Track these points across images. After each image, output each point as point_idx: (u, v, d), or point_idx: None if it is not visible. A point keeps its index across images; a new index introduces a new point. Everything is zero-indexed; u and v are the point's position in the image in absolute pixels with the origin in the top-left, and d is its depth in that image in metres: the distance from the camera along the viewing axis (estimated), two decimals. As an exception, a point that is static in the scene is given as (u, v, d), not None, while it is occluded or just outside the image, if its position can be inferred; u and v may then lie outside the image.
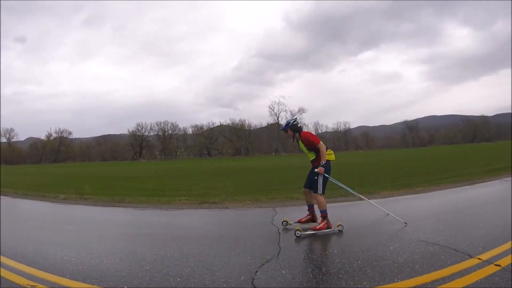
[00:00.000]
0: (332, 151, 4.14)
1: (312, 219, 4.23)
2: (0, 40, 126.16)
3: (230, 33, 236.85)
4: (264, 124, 68.29)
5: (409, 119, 78.42)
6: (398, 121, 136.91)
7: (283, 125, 4.26)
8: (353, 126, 75.41)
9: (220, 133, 63.80)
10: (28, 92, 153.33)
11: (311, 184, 4.03)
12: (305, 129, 4.52)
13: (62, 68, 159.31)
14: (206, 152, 63.57)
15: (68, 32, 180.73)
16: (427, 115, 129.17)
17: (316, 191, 3.94)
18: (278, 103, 67.45)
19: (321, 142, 4.00)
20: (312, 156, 4.10)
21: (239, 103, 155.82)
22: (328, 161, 4.01)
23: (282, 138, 65.61)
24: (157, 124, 65.60)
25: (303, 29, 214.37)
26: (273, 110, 66.65)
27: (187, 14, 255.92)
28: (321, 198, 3.92)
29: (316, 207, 4.15)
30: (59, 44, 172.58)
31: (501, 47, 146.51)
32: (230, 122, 64.87)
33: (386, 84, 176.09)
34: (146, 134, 65.97)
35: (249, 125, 65.09)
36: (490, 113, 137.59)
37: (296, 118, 4.25)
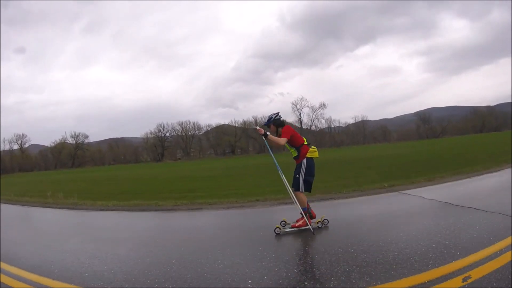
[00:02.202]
0: (316, 148, 4.05)
1: (310, 215, 4.04)
2: (0, 51, 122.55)
3: (228, 34, 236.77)
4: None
5: (411, 112, 79.54)
6: (399, 114, 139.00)
7: (266, 120, 4.21)
8: (352, 121, 76.12)
9: (243, 131, 63.45)
10: (30, 100, 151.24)
11: (309, 183, 4.00)
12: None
13: (63, 76, 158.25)
14: (230, 151, 63.15)
15: (68, 40, 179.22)
16: (428, 107, 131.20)
17: (297, 189, 3.92)
18: (301, 99, 67.32)
19: (286, 138, 3.89)
20: (294, 153, 4.04)
21: (239, 102, 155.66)
22: (311, 158, 3.96)
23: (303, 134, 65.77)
24: (179, 124, 64.83)
25: (298, 28, 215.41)
26: (296, 106, 66.83)
27: (185, 16, 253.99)
28: (301, 195, 3.93)
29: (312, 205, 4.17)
30: (60, 52, 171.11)
31: (499, 36, 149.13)
32: (253, 120, 64.67)
33: (385, 77, 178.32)
34: (168, 135, 65.06)
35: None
36: (491, 102, 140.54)
37: (279, 113, 4.18)
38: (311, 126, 67.17)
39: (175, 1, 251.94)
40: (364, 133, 70.06)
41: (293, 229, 3.87)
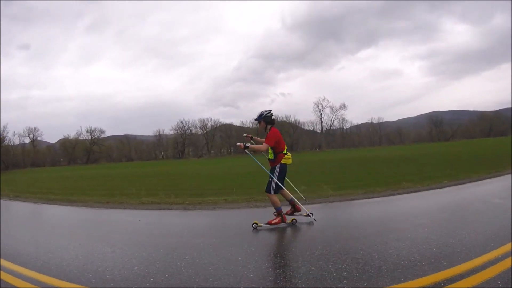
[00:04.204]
0: (290, 155, 4.33)
1: (295, 210, 4.48)
2: (0, 46, 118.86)
3: (230, 34, 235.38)
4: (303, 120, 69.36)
5: (413, 115, 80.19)
6: (401, 117, 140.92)
7: (257, 116, 4.36)
8: (358, 122, 76.83)
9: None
10: (33, 97, 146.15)
11: (279, 185, 4.24)
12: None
13: (66, 73, 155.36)
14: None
15: (71, 38, 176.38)
16: (430, 110, 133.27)
17: (269, 191, 4.21)
18: (324, 99, 67.26)
19: (268, 145, 4.17)
20: (271, 156, 4.26)
21: (240, 102, 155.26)
22: (285, 164, 4.24)
23: (324, 134, 65.89)
24: (199, 121, 64.01)
25: (298, 29, 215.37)
26: (318, 106, 67.10)
27: (188, 16, 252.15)
28: (273, 197, 4.22)
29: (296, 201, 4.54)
30: (63, 50, 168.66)
31: (501, 41, 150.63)
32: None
33: (387, 80, 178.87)
34: (189, 132, 64.04)
35: (297, 121, 65.25)
36: (492, 107, 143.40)
37: (271, 111, 4.32)
38: (330, 127, 67.38)
39: (178, 1, 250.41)
40: (380, 134, 70.71)
41: (268, 225, 4.19)
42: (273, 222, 4.20)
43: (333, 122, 67.18)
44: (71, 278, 2.69)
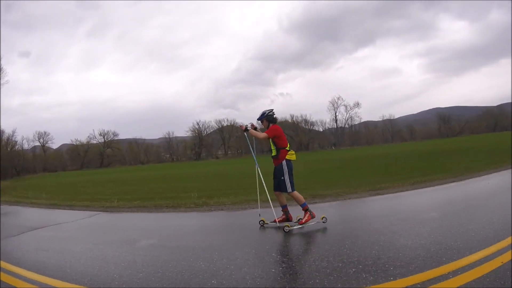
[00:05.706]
0: (294, 152, 4.34)
1: (287, 218, 4.35)
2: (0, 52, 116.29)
3: (229, 36, 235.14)
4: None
5: (415, 112, 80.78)
6: (402, 115, 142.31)
7: (259, 115, 4.42)
8: (357, 122, 77.37)
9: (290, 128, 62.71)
10: (34, 102, 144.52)
11: (279, 186, 4.20)
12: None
13: (68, 78, 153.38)
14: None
15: (72, 43, 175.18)
16: (430, 107, 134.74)
17: (287, 190, 4.13)
18: (339, 98, 67.40)
19: (267, 135, 4.22)
20: (273, 152, 4.25)
21: (240, 103, 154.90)
22: (290, 160, 4.21)
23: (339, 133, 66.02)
24: (215, 122, 63.58)
25: (296, 31, 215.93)
26: (333, 105, 67.54)
27: (188, 19, 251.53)
28: (296, 194, 4.12)
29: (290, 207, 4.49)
30: (64, 55, 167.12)
31: (499, 37, 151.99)
32: (289, 118, 64.36)
33: (386, 78, 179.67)
34: (206, 133, 63.64)
35: (308, 121, 65.30)
36: (494, 102, 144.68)
37: (273, 110, 4.39)
38: (345, 125, 67.70)
39: (178, 2, 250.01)
40: (391, 131, 71.24)
41: (300, 225, 4.05)
42: (303, 221, 4.07)
43: (347, 120, 67.50)
44: None
